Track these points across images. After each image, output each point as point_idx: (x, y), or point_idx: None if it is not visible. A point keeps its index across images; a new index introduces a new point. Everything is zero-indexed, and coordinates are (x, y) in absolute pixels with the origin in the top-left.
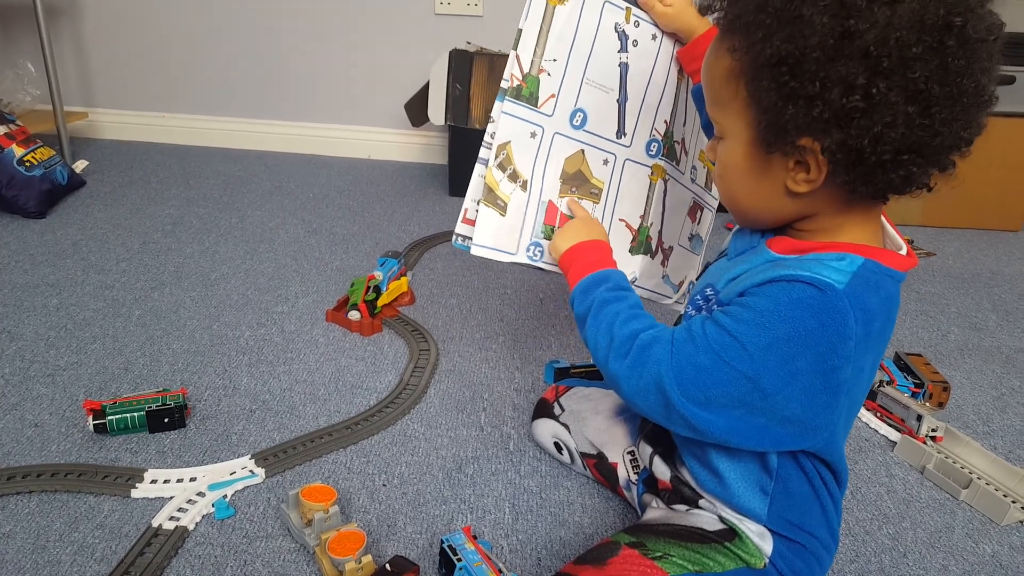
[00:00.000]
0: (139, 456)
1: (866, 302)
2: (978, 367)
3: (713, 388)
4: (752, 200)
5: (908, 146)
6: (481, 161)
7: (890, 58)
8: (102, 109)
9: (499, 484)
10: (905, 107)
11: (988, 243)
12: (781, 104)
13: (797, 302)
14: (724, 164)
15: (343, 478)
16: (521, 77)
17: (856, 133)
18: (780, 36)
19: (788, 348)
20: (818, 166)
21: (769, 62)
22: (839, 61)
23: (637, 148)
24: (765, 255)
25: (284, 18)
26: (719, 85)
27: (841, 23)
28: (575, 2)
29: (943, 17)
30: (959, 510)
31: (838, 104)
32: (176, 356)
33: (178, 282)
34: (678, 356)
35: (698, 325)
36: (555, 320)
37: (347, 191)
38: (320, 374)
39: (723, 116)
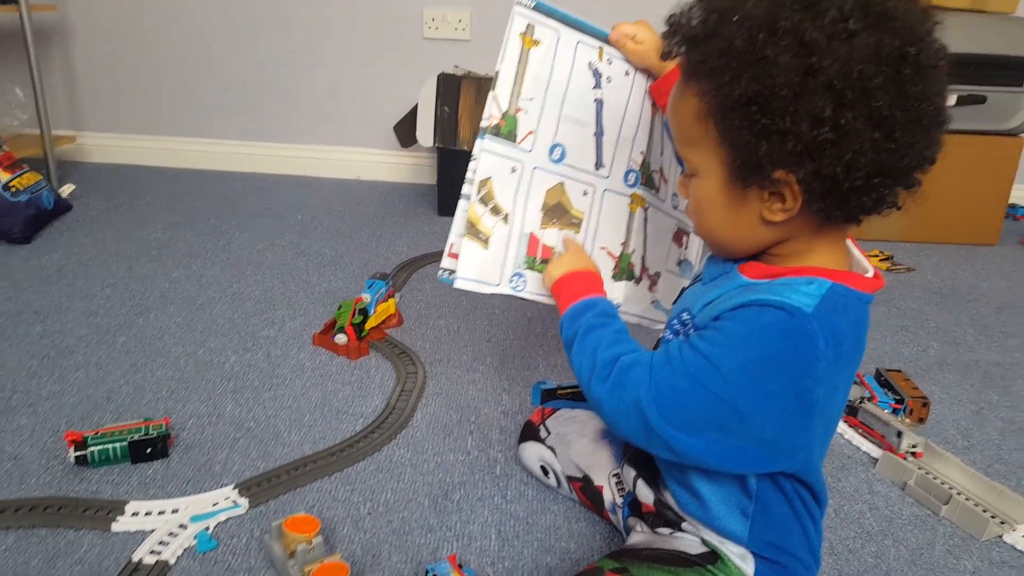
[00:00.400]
0: (121, 488)
1: (835, 324)
2: (957, 382)
3: (691, 411)
4: (729, 231)
5: (878, 170)
6: (464, 197)
7: (853, 90)
8: (90, 133)
9: (485, 510)
10: (871, 134)
11: (966, 258)
12: (755, 141)
13: (768, 326)
14: (699, 200)
15: (328, 507)
16: (500, 116)
17: (829, 163)
18: (747, 77)
19: (761, 371)
20: (794, 196)
21: (739, 102)
22: (806, 96)
23: (615, 179)
24: (738, 280)
25: (273, 40)
26: (688, 125)
27: (804, 61)
28: (549, 43)
29: (898, 48)
30: (940, 526)
31: (809, 137)
32: (160, 384)
33: (163, 307)
34: (656, 379)
35: (675, 349)
36: (543, 340)
37: (336, 212)
38: (306, 400)
39: (694, 154)
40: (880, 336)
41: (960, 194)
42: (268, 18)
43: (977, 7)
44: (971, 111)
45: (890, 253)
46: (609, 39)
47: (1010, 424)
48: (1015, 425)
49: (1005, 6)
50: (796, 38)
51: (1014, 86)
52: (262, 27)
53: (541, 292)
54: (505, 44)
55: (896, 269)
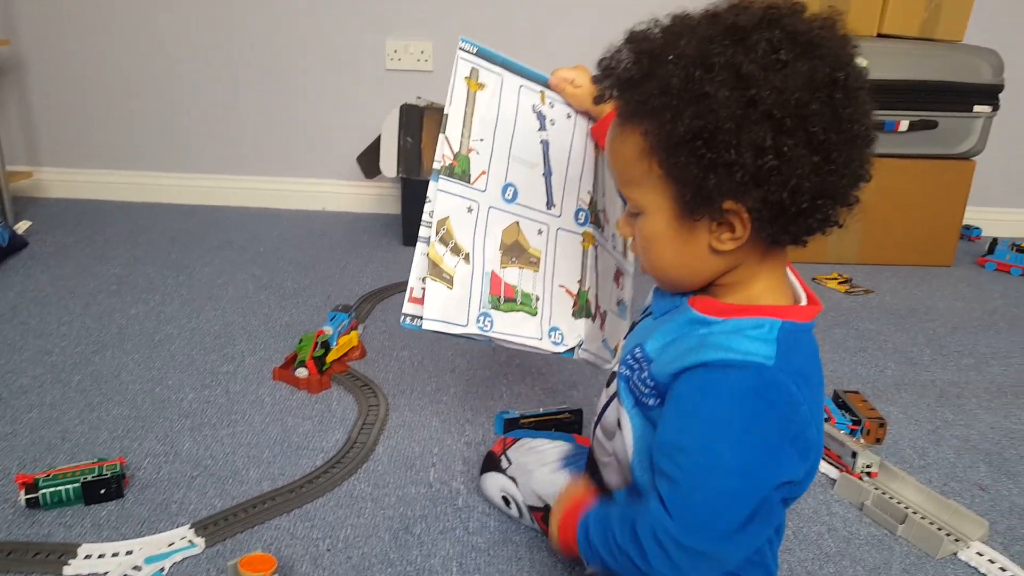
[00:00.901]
0: (74, 530)
1: (796, 365)
2: (914, 401)
3: (724, 515)
4: (678, 266)
5: (820, 191)
6: (422, 240)
7: (792, 117)
8: (47, 168)
9: (447, 543)
10: (811, 158)
11: (922, 279)
12: (703, 175)
13: (741, 395)
14: (647, 237)
15: (286, 544)
16: (452, 157)
17: (775, 189)
18: (689, 114)
19: (755, 435)
20: (743, 224)
21: (684, 139)
22: (748, 127)
23: (567, 217)
24: (688, 314)
25: (235, 72)
26: (630, 165)
27: (744, 93)
28: (494, 87)
29: (828, 74)
30: (896, 545)
31: (755, 166)
32: (116, 422)
33: (121, 344)
34: (675, 510)
35: (667, 466)
36: (507, 369)
37: (299, 244)
38: (265, 436)
39: (638, 193)
40: (839, 358)
41: (916, 217)
42: (229, 50)
43: (926, 35)
44: (923, 136)
45: (849, 276)
46: (549, 83)
47: (964, 442)
48: (969, 443)
49: (953, 34)
50: (733, 72)
51: (964, 111)
52: (223, 59)
53: (508, 332)
54: (452, 87)
55: (855, 291)
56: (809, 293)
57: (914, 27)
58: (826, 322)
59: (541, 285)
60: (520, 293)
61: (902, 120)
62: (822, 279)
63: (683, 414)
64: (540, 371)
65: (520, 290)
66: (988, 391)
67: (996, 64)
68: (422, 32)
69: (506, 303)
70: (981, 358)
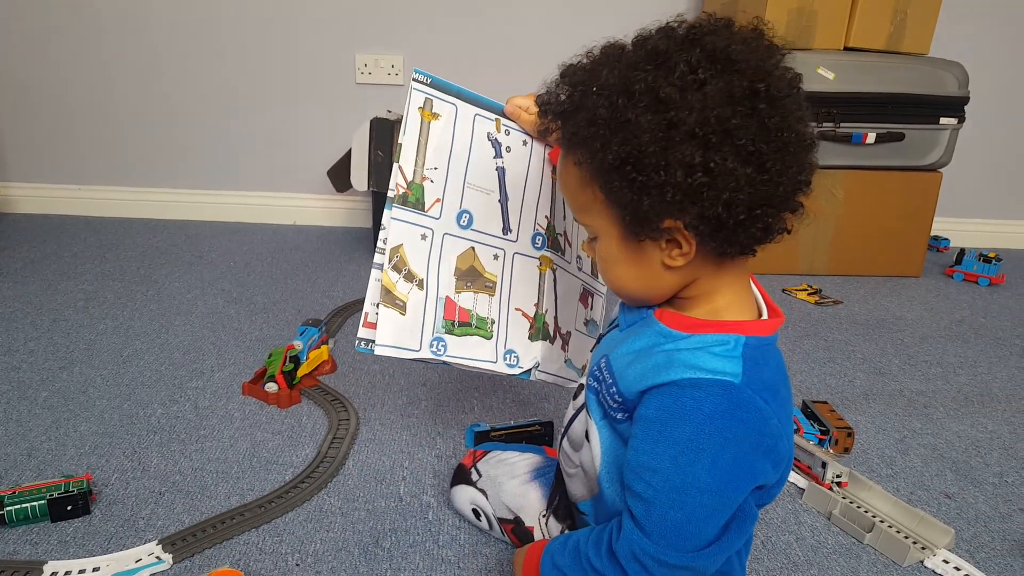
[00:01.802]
0: (40, 547)
1: (763, 380)
2: (882, 411)
3: (699, 530)
4: (637, 284)
5: (757, 202)
6: (376, 266)
7: (715, 133)
8: (13, 183)
9: (417, 556)
10: (744, 170)
11: (891, 289)
12: (636, 198)
13: (711, 415)
14: (604, 258)
15: (255, 560)
16: (406, 186)
17: (709, 204)
18: (616, 141)
19: (728, 453)
20: (687, 240)
21: (613, 165)
22: (673, 148)
23: (523, 242)
24: (655, 326)
25: (204, 85)
26: (576, 193)
27: (664, 116)
28: (448, 117)
29: (748, 87)
30: (864, 553)
31: (685, 184)
32: (83, 439)
33: (89, 360)
34: (651, 529)
35: (640, 488)
36: (478, 382)
37: (270, 258)
38: (234, 451)
39: (588, 219)
40: (808, 368)
41: (884, 228)
42: (198, 63)
43: (892, 48)
44: (890, 148)
45: (818, 287)
46: (504, 111)
47: (932, 451)
48: (936, 452)
49: (919, 47)
50: (652, 96)
51: (930, 123)
52: (192, 72)
53: (462, 355)
54: (405, 118)
55: (824, 302)
56: (771, 305)
57: (880, 40)
58: (795, 333)
59: (497, 309)
60: (475, 317)
61: (869, 132)
62: (792, 290)
63: (654, 435)
64: (511, 384)
65: (475, 314)
66: (955, 400)
67: (961, 77)
68: (392, 46)
69: (460, 327)
70: (949, 368)
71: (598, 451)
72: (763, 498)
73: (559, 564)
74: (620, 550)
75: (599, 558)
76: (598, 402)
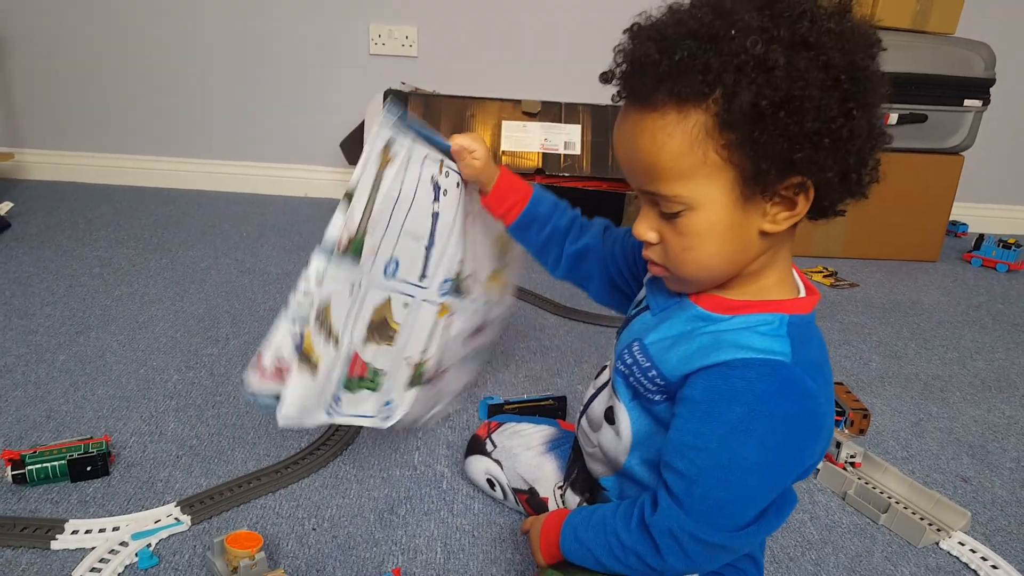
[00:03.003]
0: (60, 506)
1: (810, 359)
2: (897, 394)
3: (742, 510)
4: (722, 258)
5: (870, 151)
6: (296, 319)
7: (855, 81)
8: (29, 149)
9: (431, 524)
10: (866, 119)
11: (908, 273)
12: (788, 148)
13: (763, 396)
14: (696, 233)
15: (272, 523)
16: (347, 242)
17: (845, 156)
18: (771, 86)
19: (778, 434)
20: (806, 197)
21: (767, 111)
22: (825, 94)
23: (432, 289)
24: (692, 310)
25: (218, 57)
26: (676, 159)
27: (817, 58)
28: (401, 160)
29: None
30: (879, 534)
31: (833, 133)
32: (101, 402)
33: (105, 326)
34: (692, 506)
35: (686, 466)
36: (491, 358)
37: (283, 230)
38: (250, 417)
39: (688, 189)
40: None
41: (902, 211)
42: (213, 33)
43: (918, 27)
44: (912, 130)
45: (834, 269)
46: (450, 150)
47: (948, 435)
48: (953, 436)
49: (945, 27)
50: (798, 39)
51: (954, 105)
52: (207, 42)
53: (350, 413)
54: (364, 163)
55: (840, 285)
56: (806, 282)
57: (906, 19)
58: None
59: (391, 360)
60: (371, 370)
61: (891, 113)
62: (807, 272)
63: (700, 415)
64: (524, 359)
65: (372, 367)
66: (972, 385)
67: (988, 58)
68: (407, 17)
69: (359, 382)
70: (965, 352)
71: (627, 432)
72: (800, 476)
73: (582, 538)
74: (655, 525)
75: (628, 532)
76: (627, 384)
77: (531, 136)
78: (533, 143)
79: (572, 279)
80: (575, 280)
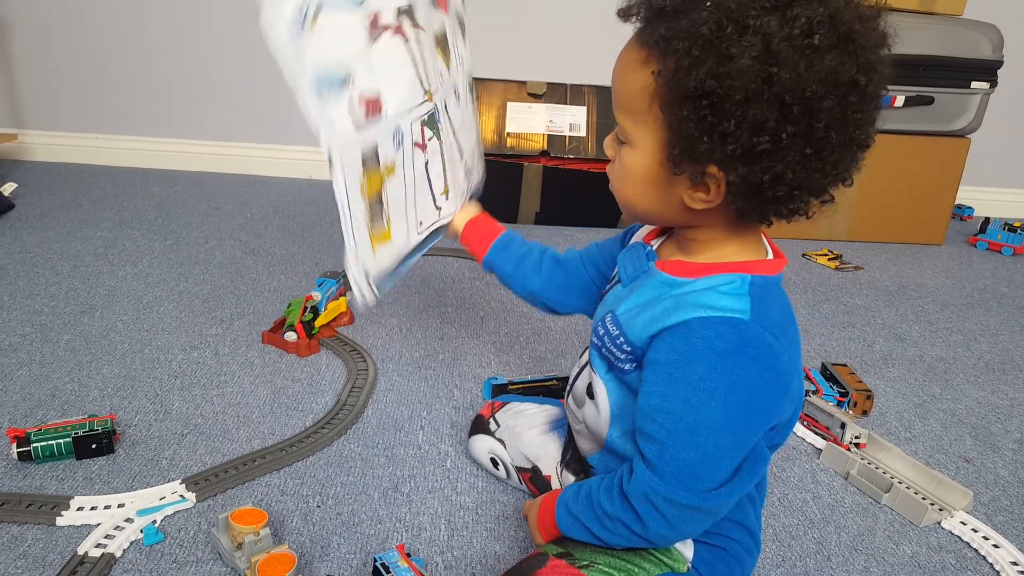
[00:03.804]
0: (65, 483)
1: (771, 317)
2: (901, 376)
3: (713, 470)
4: (647, 207)
5: (800, 184)
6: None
7: (801, 107)
8: (32, 131)
9: (435, 501)
10: (804, 150)
11: (913, 257)
12: (697, 135)
13: (723, 352)
14: (627, 169)
15: (276, 500)
16: None
17: (759, 170)
18: (705, 70)
19: (740, 392)
20: (718, 191)
21: (693, 94)
22: (756, 104)
23: None
24: (658, 277)
25: (220, 37)
26: (633, 96)
27: (765, 69)
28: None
29: (852, 76)
30: (881, 513)
31: (749, 143)
32: (106, 381)
33: (109, 306)
34: (665, 470)
35: (653, 429)
36: (495, 338)
37: (286, 211)
38: (255, 396)
39: (632, 126)
40: (827, 332)
41: (908, 194)
42: (214, 14)
43: (925, 8)
44: (919, 112)
45: (839, 252)
46: None
47: (951, 416)
48: (956, 417)
49: (953, 7)
50: (763, 42)
51: (961, 87)
52: (209, 23)
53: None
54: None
55: (844, 268)
56: (775, 248)
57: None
58: (815, 297)
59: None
60: None
61: (898, 95)
62: (812, 255)
63: (665, 377)
64: (528, 340)
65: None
66: (976, 367)
67: (996, 39)
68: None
69: None
70: (970, 335)
71: (605, 405)
72: (775, 439)
73: (573, 511)
74: (632, 492)
75: (611, 502)
76: (601, 357)
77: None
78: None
79: (550, 289)
80: (552, 289)
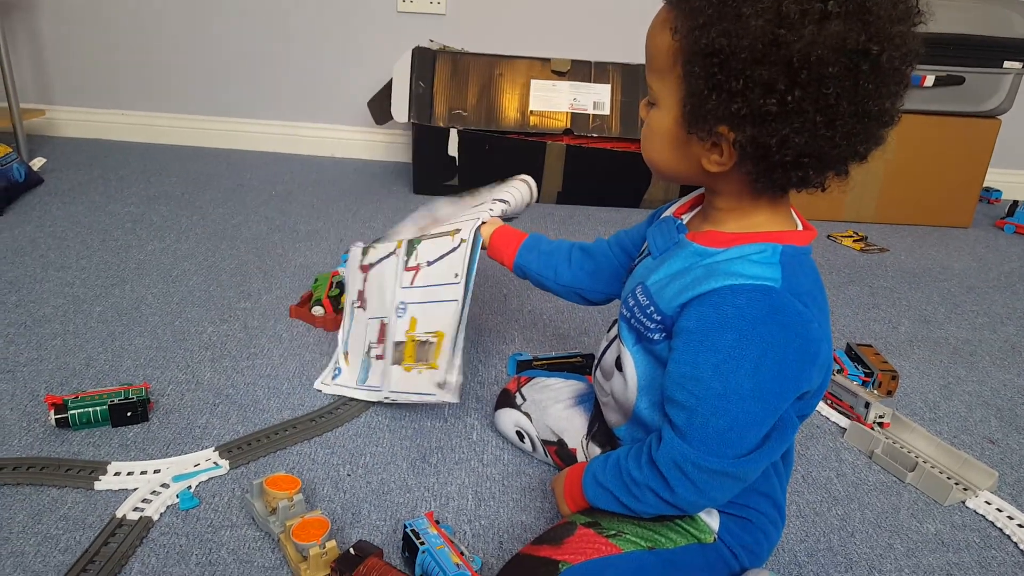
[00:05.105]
0: (102, 450)
1: (801, 286)
2: (926, 357)
3: (743, 437)
4: (668, 165)
5: (809, 152)
6: None
7: (808, 72)
8: (60, 106)
9: (462, 472)
10: (813, 116)
11: (939, 239)
12: (707, 92)
13: (753, 320)
14: (652, 128)
15: (308, 468)
16: None
17: (766, 132)
18: (717, 29)
19: (770, 359)
20: (729, 153)
21: (703, 51)
22: (764, 65)
23: None
24: (689, 248)
25: (246, 15)
26: (659, 54)
27: (773, 30)
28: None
29: (863, 43)
30: (905, 492)
31: (756, 104)
32: (138, 352)
33: (139, 279)
34: (695, 437)
35: (683, 397)
36: (518, 316)
37: (310, 189)
38: (284, 368)
39: (658, 84)
40: (852, 313)
41: (935, 176)
42: None
43: None
44: (949, 92)
45: (864, 234)
46: None
47: (976, 398)
48: (981, 399)
49: None
50: (775, 5)
51: (993, 67)
52: (236, 1)
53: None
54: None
55: (870, 249)
56: (804, 220)
57: None
58: (840, 279)
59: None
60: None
61: (928, 75)
62: (837, 236)
63: (695, 345)
64: (551, 318)
65: None
66: (1002, 350)
67: None
68: None
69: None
70: (996, 318)
71: (633, 376)
72: (804, 408)
73: (601, 480)
74: (660, 458)
75: (639, 469)
76: (630, 328)
77: (560, 96)
78: (562, 103)
79: (580, 278)
80: (583, 277)
